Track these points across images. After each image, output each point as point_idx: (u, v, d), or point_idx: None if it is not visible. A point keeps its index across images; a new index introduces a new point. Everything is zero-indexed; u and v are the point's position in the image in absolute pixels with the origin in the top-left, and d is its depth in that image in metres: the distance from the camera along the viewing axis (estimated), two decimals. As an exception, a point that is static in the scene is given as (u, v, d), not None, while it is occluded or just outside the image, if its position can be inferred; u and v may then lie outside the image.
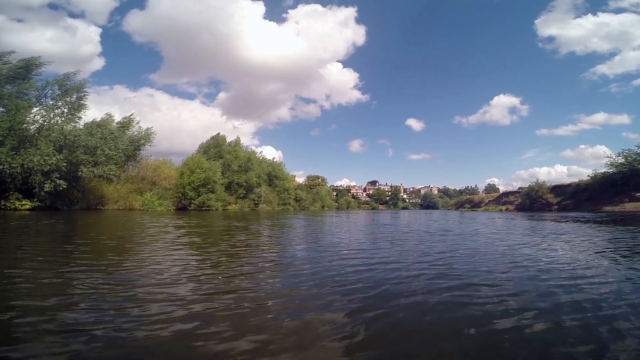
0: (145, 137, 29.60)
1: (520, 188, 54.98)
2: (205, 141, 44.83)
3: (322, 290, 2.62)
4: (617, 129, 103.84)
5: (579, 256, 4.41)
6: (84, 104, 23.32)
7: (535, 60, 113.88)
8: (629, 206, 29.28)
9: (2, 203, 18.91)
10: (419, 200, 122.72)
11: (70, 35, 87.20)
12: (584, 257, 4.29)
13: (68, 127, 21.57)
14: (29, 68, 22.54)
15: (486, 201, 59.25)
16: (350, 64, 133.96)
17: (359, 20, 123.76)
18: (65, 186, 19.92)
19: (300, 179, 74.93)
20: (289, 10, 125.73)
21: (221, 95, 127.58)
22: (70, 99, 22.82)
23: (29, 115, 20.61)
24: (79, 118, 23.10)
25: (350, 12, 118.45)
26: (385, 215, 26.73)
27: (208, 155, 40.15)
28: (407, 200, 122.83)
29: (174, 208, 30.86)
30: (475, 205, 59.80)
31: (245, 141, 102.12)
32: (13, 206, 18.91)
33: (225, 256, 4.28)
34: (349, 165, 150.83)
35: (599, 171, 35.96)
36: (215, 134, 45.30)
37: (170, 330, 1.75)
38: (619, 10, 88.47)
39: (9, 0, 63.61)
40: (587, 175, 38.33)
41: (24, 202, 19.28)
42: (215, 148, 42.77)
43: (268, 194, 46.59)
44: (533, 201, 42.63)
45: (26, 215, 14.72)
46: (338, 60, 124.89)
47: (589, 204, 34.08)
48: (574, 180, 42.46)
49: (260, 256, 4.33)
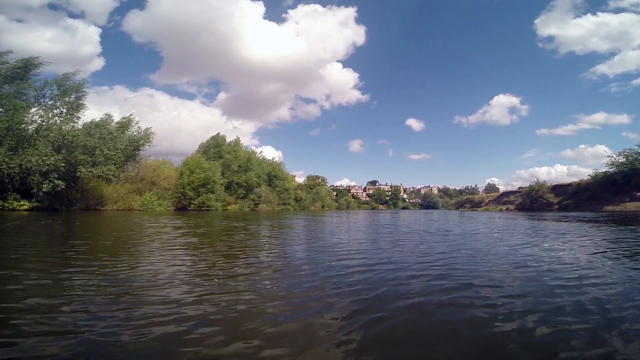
0: (145, 137, 29.59)
1: (520, 188, 54.93)
2: (205, 141, 44.88)
3: (321, 292, 2.56)
4: (617, 129, 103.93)
5: (582, 256, 4.34)
6: (83, 104, 23.31)
7: (535, 60, 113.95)
8: (630, 206, 29.20)
9: (0, 203, 18.85)
10: (419, 200, 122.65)
11: (70, 35, 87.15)
12: (587, 258, 4.24)
13: (67, 127, 21.49)
14: (27, 68, 22.49)
15: (486, 201, 59.19)
16: (350, 64, 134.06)
17: (358, 20, 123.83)
18: (63, 186, 19.86)
19: (300, 179, 74.96)
20: (289, 10, 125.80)
21: (221, 96, 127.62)
22: (69, 98, 22.77)
23: (28, 115, 20.54)
24: (78, 118, 23.10)
25: (350, 12, 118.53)
26: (385, 215, 26.66)
27: (208, 155, 40.11)
28: (407, 200, 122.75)
29: (174, 208, 30.78)
30: (476, 205, 59.73)
31: (245, 141, 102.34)
32: (11, 206, 18.84)
33: (222, 257, 4.20)
34: (349, 165, 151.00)
35: (600, 171, 35.93)
36: (215, 134, 45.36)
37: (159, 333, 1.69)
38: (618, 10, 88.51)
39: (8, 1, 63.58)
40: (588, 175, 38.31)
41: (22, 203, 19.22)
42: (215, 148, 42.74)
43: (268, 194, 46.52)
44: (533, 201, 42.56)
45: (24, 215, 14.65)
46: (338, 60, 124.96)
47: (589, 204, 34.01)
48: (574, 180, 42.46)
49: (258, 257, 4.25)
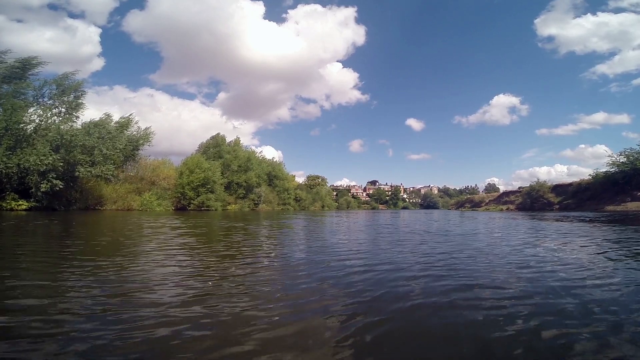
0: (144, 137, 29.46)
1: (520, 188, 54.83)
2: (204, 141, 44.76)
3: (319, 294, 2.47)
4: (617, 129, 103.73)
5: (585, 257, 4.27)
6: (82, 103, 23.18)
7: (535, 60, 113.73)
8: (632, 205, 29.08)
9: (-1, 203, 18.73)
10: (419, 200, 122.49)
11: (70, 35, 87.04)
12: (590, 258, 4.17)
13: (65, 127, 21.37)
14: (25, 68, 22.38)
15: (487, 201, 59.06)
16: (350, 64, 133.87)
17: (358, 20, 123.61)
18: (62, 186, 19.74)
19: (300, 179, 74.77)
20: (289, 11, 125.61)
21: (221, 96, 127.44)
22: (68, 98, 22.65)
23: (26, 114, 20.42)
24: (77, 117, 22.94)
25: (350, 12, 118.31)
26: (386, 215, 26.55)
27: (207, 155, 39.99)
28: (407, 200, 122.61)
29: (173, 208, 30.68)
30: (476, 205, 59.61)
31: (245, 141, 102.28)
32: (9, 206, 18.74)
33: (218, 258, 4.10)
34: (349, 165, 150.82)
35: (601, 170, 35.75)
36: (215, 134, 45.23)
37: (148, 337, 1.62)
38: (618, 10, 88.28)
39: (8, 1, 63.49)
40: (589, 175, 38.13)
41: (21, 203, 19.11)
42: (214, 148, 42.63)
43: (268, 194, 46.40)
44: (534, 201, 42.44)
45: (22, 215, 14.56)
46: (338, 60, 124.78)
47: (590, 204, 33.88)
48: (574, 179, 42.35)
49: (255, 258, 4.15)
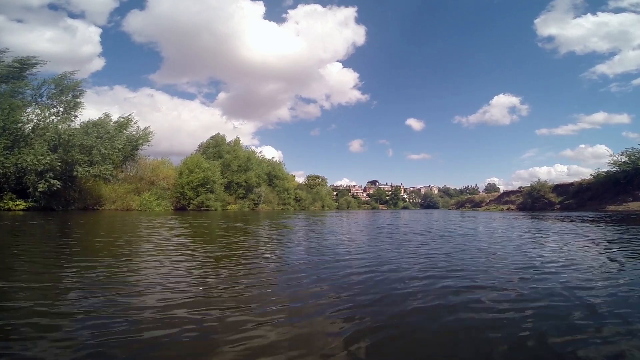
0: (144, 137, 29.41)
1: (521, 187, 54.72)
2: (204, 141, 44.63)
3: (316, 297, 2.33)
4: (617, 129, 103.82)
5: (591, 257, 4.14)
6: (80, 102, 23.06)
7: (535, 60, 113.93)
8: (633, 205, 28.91)
9: (-4, 203, 18.59)
10: (419, 200, 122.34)
11: (70, 35, 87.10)
12: (597, 259, 4.04)
13: (63, 126, 21.23)
14: (23, 67, 22.26)
15: (487, 201, 58.92)
16: (350, 64, 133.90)
17: (358, 20, 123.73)
18: (59, 186, 19.59)
19: (300, 179, 74.72)
20: (289, 11, 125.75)
21: (221, 96, 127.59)
22: (66, 97, 22.52)
23: (24, 114, 20.28)
24: (75, 117, 22.83)
25: (350, 12, 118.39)
26: (386, 215, 26.40)
27: (207, 155, 39.88)
28: (408, 200, 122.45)
29: (173, 208, 30.55)
30: (476, 205, 59.47)
31: (245, 141, 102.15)
32: (7, 206, 18.61)
33: (214, 259, 3.95)
34: (349, 165, 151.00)
35: (602, 170, 35.59)
36: (215, 134, 45.09)
37: (131, 343, 1.54)
38: (618, 10, 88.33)
39: (8, 1, 63.43)
40: (590, 175, 38.00)
41: (18, 203, 18.98)
42: (214, 148, 42.50)
43: (268, 194, 46.26)
44: (535, 200, 42.30)
45: (19, 215, 14.42)
46: (338, 60, 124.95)
47: (591, 204, 33.71)
48: (574, 179, 42.25)
49: (252, 260, 4.00)
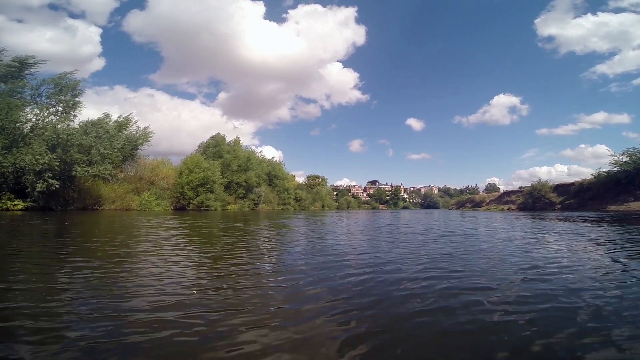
0: (143, 137, 29.37)
1: (521, 187, 54.60)
2: (204, 141, 44.55)
3: (313, 300, 2.24)
4: (617, 129, 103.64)
5: (596, 258, 4.06)
6: (79, 102, 23.00)
7: (535, 60, 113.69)
8: (635, 205, 28.77)
9: (-5, 203, 18.49)
10: (420, 200, 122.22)
11: (71, 35, 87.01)
12: (602, 259, 3.96)
13: (62, 126, 21.12)
14: (22, 66, 22.17)
15: (487, 201, 58.79)
16: (350, 64, 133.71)
17: (359, 20, 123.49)
18: (58, 186, 19.48)
19: (301, 179, 74.56)
20: (289, 11, 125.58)
21: (221, 96, 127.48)
22: (65, 97, 22.42)
23: (23, 113, 20.18)
24: (74, 116, 22.73)
25: (350, 12, 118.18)
26: (386, 215, 26.29)
27: (207, 155, 39.79)
28: (408, 199, 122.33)
29: (172, 208, 30.45)
30: (477, 204, 59.34)
31: (246, 141, 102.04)
32: (5, 206, 18.51)
33: (209, 261, 3.85)
34: (349, 165, 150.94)
35: (603, 170, 35.42)
36: (215, 134, 44.99)
37: (117, 349, 1.47)
38: (618, 10, 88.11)
39: (9, 1, 63.34)
40: (591, 174, 37.85)
41: (17, 202, 18.87)
42: (214, 147, 42.39)
43: (268, 194, 46.15)
44: (535, 200, 42.14)
45: (17, 215, 14.32)
46: (338, 60, 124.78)
47: (592, 204, 33.57)
48: (574, 179, 42.12)
49: (249, 261, 3.89)
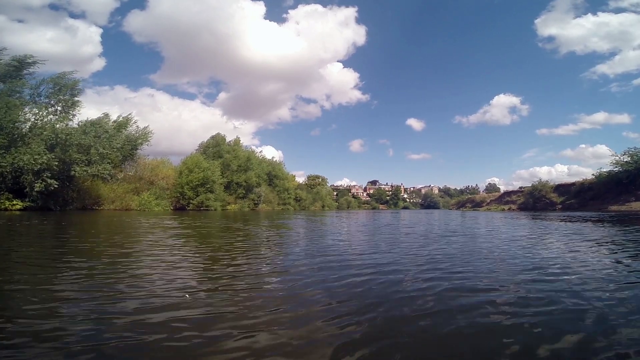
0: (143, 137, 29.27)
1: (521, 187, 54.49)
2: (204, 141, 44.49)
3: (310, 304, 2.14)
4: (618, 129, 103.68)
5: (602, 259, 3.96)
6: (78, 101, 22.94)
7: (535, 60, 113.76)
8: (636, 205, 28.65)
9: (-7, 203, 18.38)
10: (420, 200, 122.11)
11: (71, 35, 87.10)
12: (608, 260, 3.86)
13: (60, 126, 21.01)
14: (21, 66, 22.08)
15: (488, 201, 58.67)
16: (351, 64, 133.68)
17: (359, 20, 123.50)
18: (56, 186, 19.37)
19: (301, 179, 74.51)
20: (290, 11, 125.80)
21: (222, 96, 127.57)
22: (64, 96, 22.34)
23: (21, 113, 20.08)
24: (73, 116, 22.65)
25: (350, 12, 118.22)
26: (386, 215, 26.18)
27: (207, 155, 39.70)
28: (408, 200, 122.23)
29: (172, 208, 30.36)
30: (477, 204, 59.22)
31: (246, 141, 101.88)
32: (3, 206, 18.40)
33: (205, 262, 3.75)
34: (349, 165, 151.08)
35: (604, 170, 35.28)
36: (215, 133, 44.91)
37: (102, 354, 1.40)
38: (618, 10, 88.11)
39: (9, 1, 63.33)
40: (592, 174, 37.72)
41: (15, 202, 18.77)
42: (214, 147, 42.30)
43: (268, 194, 46.06)
44: (536, 200, 42.03)
45: (15, 215, 14.22)
46: (338, 60, 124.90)
47: (593, 204, 33.44)
48: (574, 179, 42.02)
49: (247, 262, 3.79)
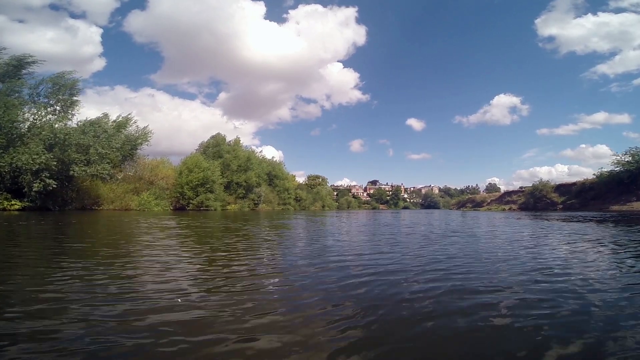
0: (142, 137, 29.18)
1: (522, 187, 54.39)
2: (204, 141, 44.40)
3: (310, 307, 2.06)
4: (618, 129, 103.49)
5: (610, 259, 3.87)
6: (77, 100, 22.88)
7: (536, 60, 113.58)
8: (637, 205, 28.54)
9: (-9, 203, 18.31)
10: (420, 200, 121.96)
11: (71, 35, 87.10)
12: (616, 261, 3.76)
13: (59, 125, 20.93)
14: (20, 66, 22.00)
15: (488, 201, 58.56)
16: (351, 64, 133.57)
17: (359, 20, 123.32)
18: (55, 186, 19.29)
19: (301, 179, 74.39)
20: (290, 11, 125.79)
21: (222, 96, 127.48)
22: (63, 96, 22.26)
23: (20, 113, 19.99)
24: (72, 115, 22.57)
25: (350, 12, 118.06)
26: (387, 215, 26.08)
27: (207, 155, 39.60)
28: (408, 200, 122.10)
29: (172, 208, 30.26)
30: (477, 204, 59.11)
31: (246, 141, 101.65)
32: (2, 206, 18.31)
33: (199, 264, 3.65)
34: (350, 165, 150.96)
35: (605, 170, 35.15)
36: (215, 133, 44.81)
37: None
38: (619, 10, 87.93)
39: (10, 1, 63.30)
40: (593, 174, 37.60)
41: (14, 202, 18.67)
42: (214, 147, 42.20)
43: (268, 194, 45.96)
44: (537, 200, 41.91)
45: (13, 216, 14.14)
46: (338, 60, 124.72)
47: (595, 203, 33.33)
48: (575, 179, 41.92)
49: (243, 264, 3.69)
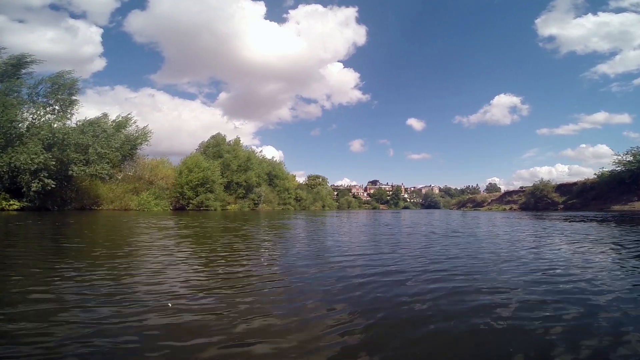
0: (142, 137, 29.09)
1: (522, 187, 54.23)
2: (205, 140, 44.35)
3: (306, 314, 1.98)
4: (618, 128, 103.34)
5: (615, 260, 3.79)
6: (76, 100, 22.82)
7: (536, 60, 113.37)
8: (639, 205, 28.42)
9: (-10, 203, 18.24)
10: (420, 200, 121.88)
11: (72, 35, 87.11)
12: (620, 261, 3.68)
13: (58, 125, 20.85)
14: (19, 65, 21.93)
15: (489, 200, 58.41)
16: (351, 64, 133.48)
17: (359, 20, 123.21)
18: (54, 185, 19.22)
19: (301, 179, 74.37)
20: (290, 11, 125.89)
21: (222, 96, 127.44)
22: (62, 95, 22.20)
23: (18, 112, 19.91)
24: (71, 115, 22.51)
25: (350, 12, 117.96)
26: (387, 215, 25.99)
27: (207, 155, 39.56)
28: (409, 199, 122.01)
29: (172, 208, 30.20)
30: (478, 204, 58.97)
31: (246, 141, 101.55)
32: (0, 206, 18.25)
33: (195, 265, 3.57)
34: (350, 165, 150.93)
35: (606, 169, 34.99)
36: (215, 133, 44.76)
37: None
38: (619, 10, 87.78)
39: (10, 1, 63.28)
40: (594, 174, 37.45)
41: (12, 202, 18.61)
42: (214, 147, 42.15)
43: (268, 194, 45.90)
44: (538, 200, 41.75)
45: (11, 216, 14.08)
46: (339, 60, 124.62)
47: (596, 203, 33.20)
48: (575, 179, 41.75)
49: (241, 265, 3.61)
